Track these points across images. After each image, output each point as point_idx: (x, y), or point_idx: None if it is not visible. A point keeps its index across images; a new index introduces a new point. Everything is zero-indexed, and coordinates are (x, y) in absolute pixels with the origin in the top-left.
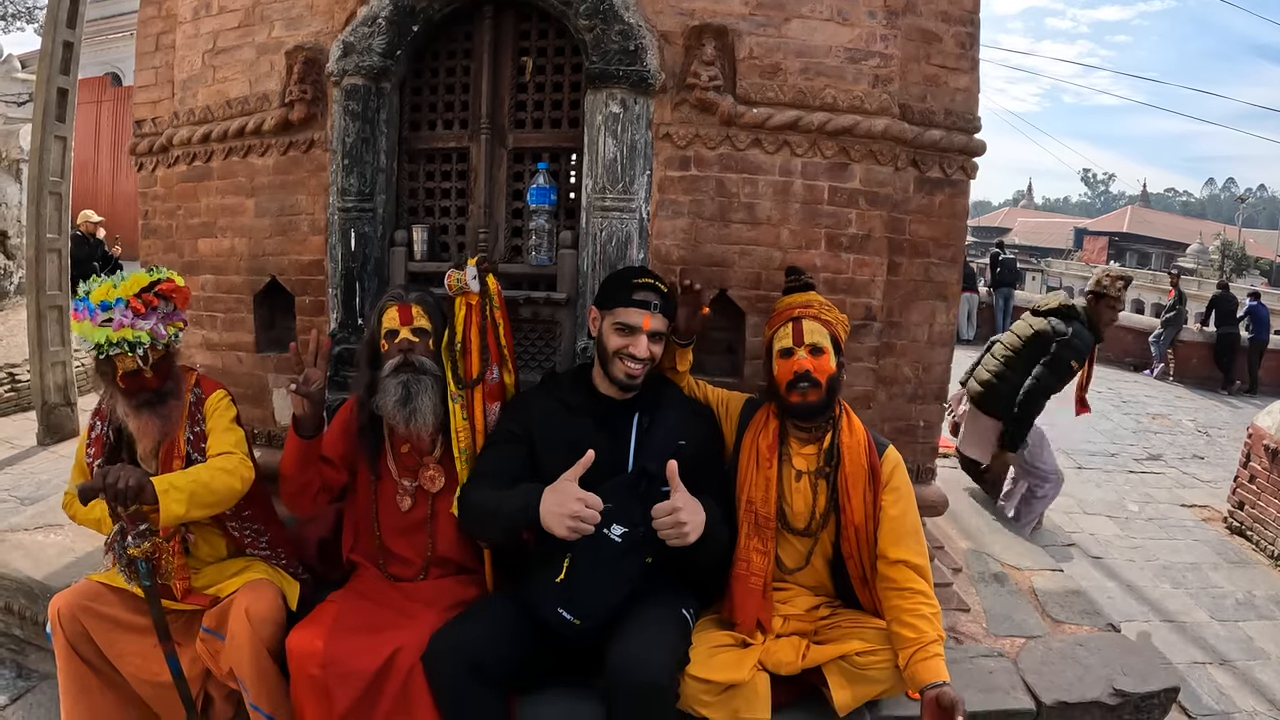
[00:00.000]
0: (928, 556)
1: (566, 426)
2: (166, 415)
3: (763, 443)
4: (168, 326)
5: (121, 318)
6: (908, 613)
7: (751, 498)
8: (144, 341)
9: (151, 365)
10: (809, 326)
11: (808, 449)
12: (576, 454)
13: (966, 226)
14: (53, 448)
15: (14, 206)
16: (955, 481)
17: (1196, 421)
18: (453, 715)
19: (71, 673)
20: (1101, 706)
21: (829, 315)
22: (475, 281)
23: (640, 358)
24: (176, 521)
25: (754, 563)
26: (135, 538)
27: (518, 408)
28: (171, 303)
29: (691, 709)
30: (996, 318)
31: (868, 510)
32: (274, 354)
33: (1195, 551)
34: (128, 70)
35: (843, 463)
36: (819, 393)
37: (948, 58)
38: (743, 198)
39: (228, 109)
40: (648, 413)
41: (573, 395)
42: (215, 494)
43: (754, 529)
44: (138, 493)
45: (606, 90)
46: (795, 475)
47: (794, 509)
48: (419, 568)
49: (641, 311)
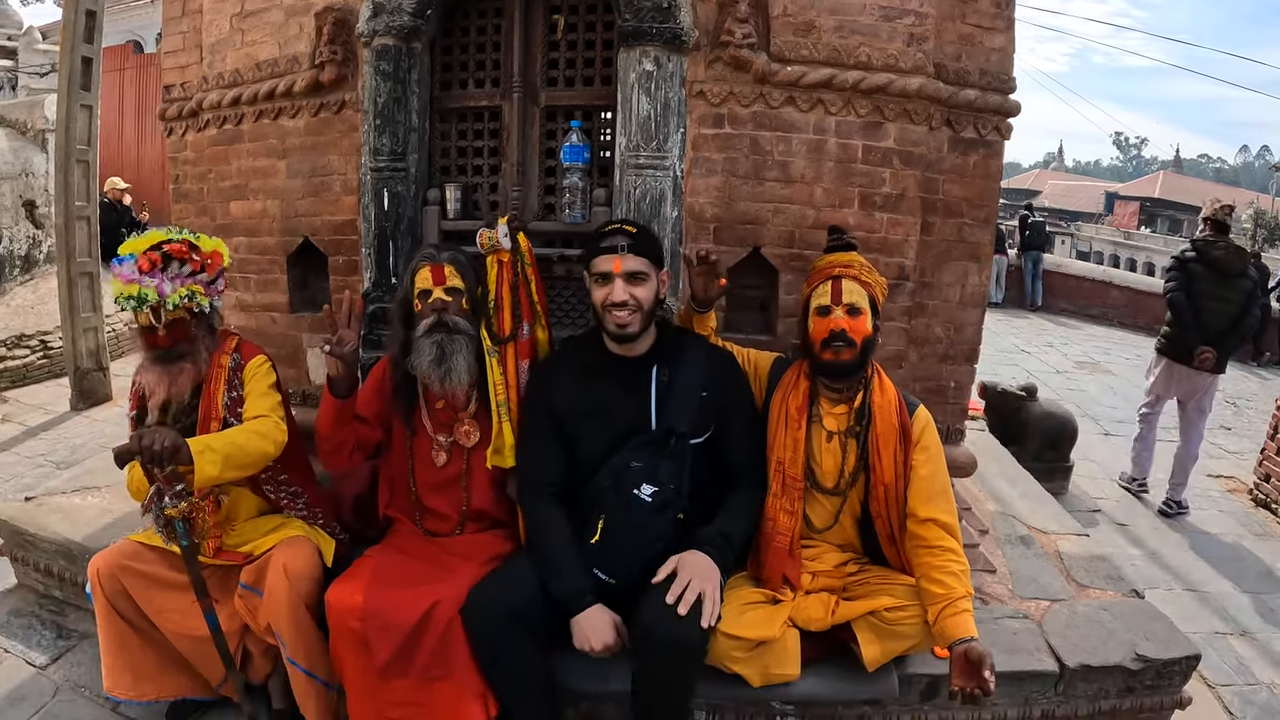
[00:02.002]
0: (957, 515)
1: (586, 391)
2: (174, 376)
3: (792, 403)
4: (179, 287)
5: (130, 273)
6: (937, 569)
7: (780, 458)
8: (148, 298)
9: (166, 325)
10: (848, 286)
11: (838, 409)
12: (600, 419)
13: (1000, 188)
14: (86, 412)
15: (41, 176)
16: (984, 444)
17: (1225, 392)
18: (491, 666)
19: (111, 631)
20: (1123, 671)
21: (869, 277)
22: (506, 239)
23: (619, 301)
24: (211, 482)
25: (780, 522)
26: (172, 498)
27: (537, 380)
28: (185, 264)
29: (723, 664)
30: (1025, 281)
31: (898, 470)
32: (308, 314)
33: (1220, 522)
34: (149, 37)
35: (874, 422)
36: (853, 352)
37: (983, 16)
38: (776, 156)
39: (257, 72)
40: (666, 365)
41: (588, 358)
42: (249, 456)
43: (782, 489)
44: (173, 453)
45: (639, 48)
46: (826, 436)
47: (823, 468)
48: (455, 522)
49: (610, 256)
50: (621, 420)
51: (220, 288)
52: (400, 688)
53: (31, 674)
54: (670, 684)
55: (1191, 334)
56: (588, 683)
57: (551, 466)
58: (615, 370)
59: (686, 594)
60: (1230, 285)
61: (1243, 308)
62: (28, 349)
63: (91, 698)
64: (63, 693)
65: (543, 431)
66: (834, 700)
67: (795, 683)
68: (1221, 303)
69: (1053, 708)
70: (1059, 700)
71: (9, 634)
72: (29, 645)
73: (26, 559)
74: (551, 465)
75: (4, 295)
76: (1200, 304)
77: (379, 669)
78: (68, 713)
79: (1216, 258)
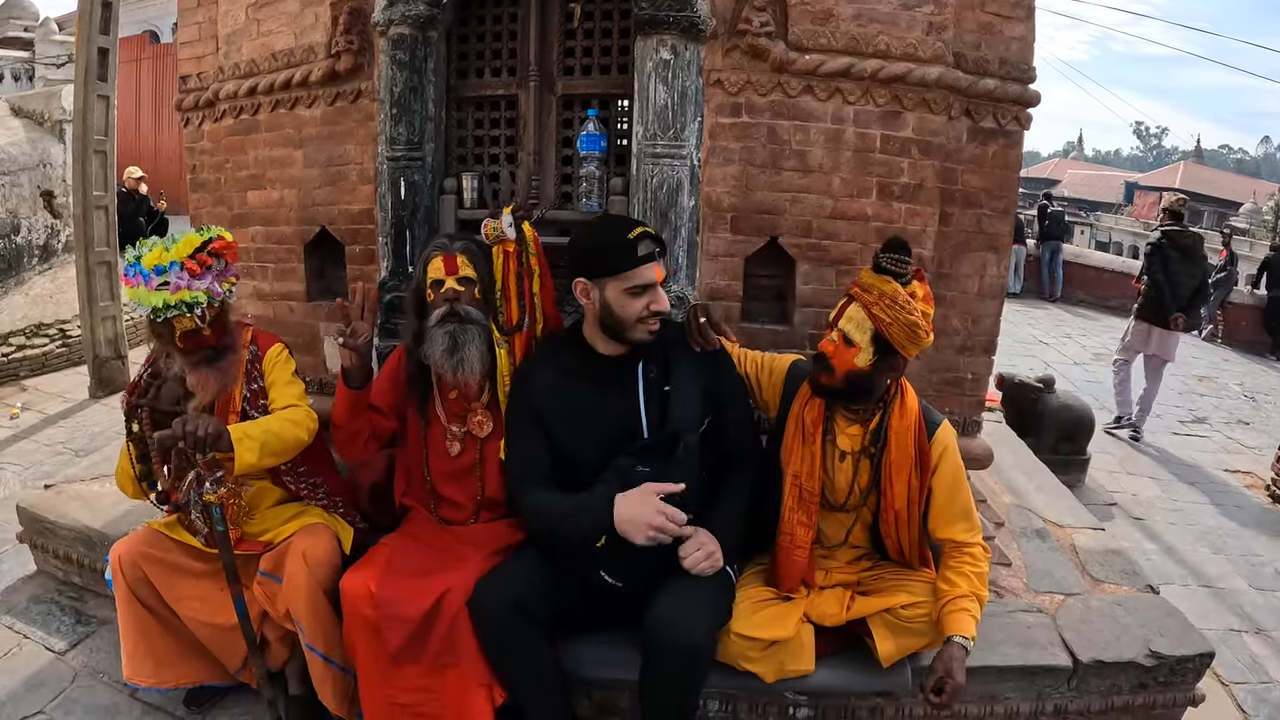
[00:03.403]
0: (979, 529)
1: (569, 394)
2: (224, 369)
3: (808, 416)
4: (222, 283)
5: (178, 280)
6: (950, 569)
7: (797, 471)
8: (201, 301)
9: (209, 323)
10: (851, 313)
11: (852, 429)
12: (585, 422)
13: (1019, 178)
14: (104, 400)
15: (58, 166)
16: (1000, 435)
17: (1243, 386)
18: (498, 658)
19: (132, 617)
20: (1137, 667)
21: (886, 312)
22: (511, 229)
23: (666, 311)
24: (249, 469)
25: (798, 535)
26: (212, 484)
27: (519, 383)
28: (224, 260)
29: (736, 663)
30: (1043, 271)
31: (910, 496)
32: (325, 303)
33: (1236, 518)
34: (165, 28)
35: (889, 446)
36: (832, 379)
37: (1003, 5)
38: (794, 145)
39: (273, 62)
40: (653, 361)
41: (568, 360)
42: (285, 443)
43: (798, 502)
44: (215, 440)
45: (656, 36)
46: (839, 455)
47: (835, 485)
48: (470, 511)
49: (651, 265)
50: (607, 425)
51: (235, 276)
52: (411, 674)
53: (50, 659)
54: (675, 687)
55: (1168, 304)
56: (600, 671)
57: (539, 464)
58: (599, 372)
59: (701, 552)
60: (1194, 264)
61: (1202, 281)
62: (46, 338)
63: (110, 683)
64: (81, 678)
65: (528, 432)
66: (847, 691)
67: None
68: (1189, 278)
69: (1065, 702)
70: (1072, 695)
71: (29, 620)
72: (48, 631)
73: (46, 546)
74: (538, 463)
75: (23, 285)
76: (1174, 280)
77: (390, 655)
78: (86, 698)
79: (1185, 244)
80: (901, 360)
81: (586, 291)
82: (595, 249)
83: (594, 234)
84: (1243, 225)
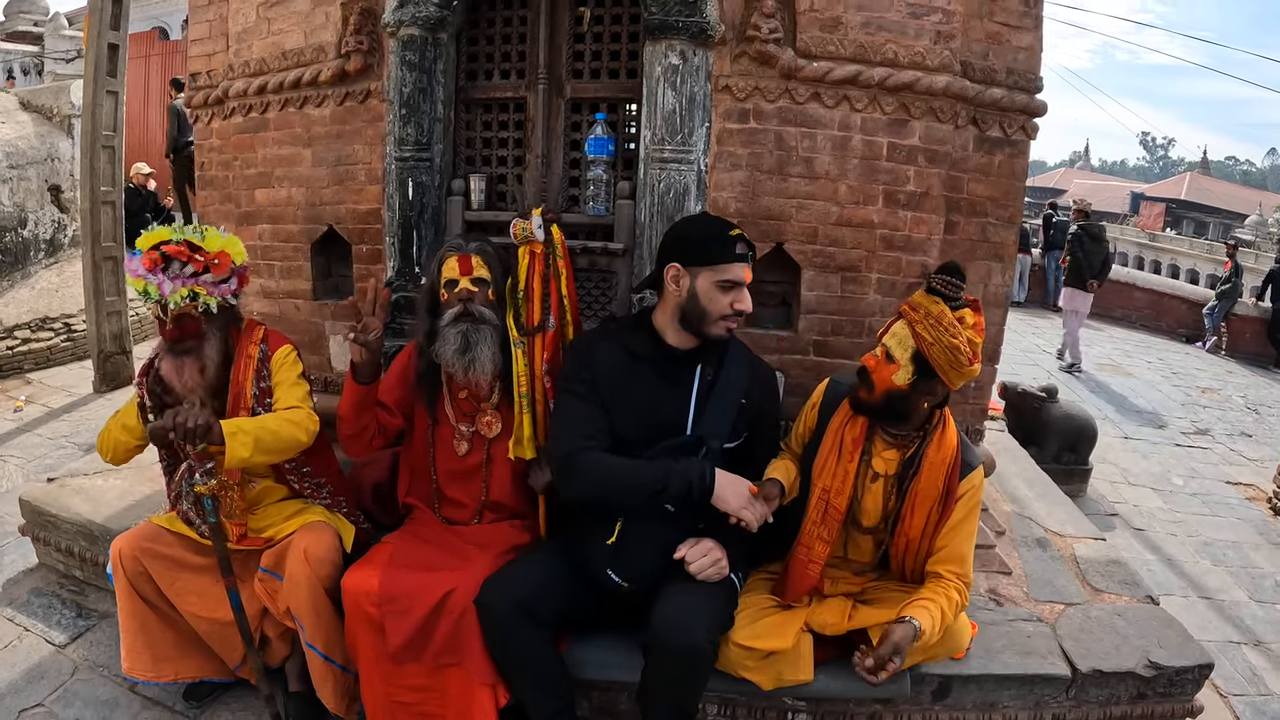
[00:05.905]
0: (970, 577)
1: (630, 377)
2: (179, 368)
3: (848, 434)
4: (179, 287)
5: (138, 268)
6: (926, 587)
7: (827, 486)
8: (151, 294)
9: (172, 320)
10: (895, 329)
11: (889, 453)
12: (638, 406)
13: (1025, 187)
14: (109, 395)
15: (66, 161)
16: (1003, 444)
17: (1247, 398)
18: (503, 658)
19: (132, 611)
20: (1136, 678)
21: (927, 331)
22: (540, 231)
23: (748, 311)
24: (241, 464)
25: (815, 550)
26: (202, 475)
27: (583, 352)
28: (187, 265)
29: (734, 672)
30: (1048, 281)
31: (927, 529)
32: (331, 301)
33: (1237, 530)
34: (175, 24)
35: (920, 475)
36: (871, 396)
37: (1010, 15)
38: (801, 151)
39: (283, 61)
40: (711, 365)
41: (636, 343)
42: (281, 441)
43: (822, 518)
44: (205, 432)
45: (665, 41)
46: (871, 476)
47: (864, 507)
48: (473, 511)
49: (743, 264)
50: (659, 413)
51: (233, 286)
52: (413, 672)
53: (51, 652)
54: (676, 688)
55: (1086, 274)
56: (599, 673)
57: (602, 429)
58: (662, 361)
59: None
60: (1100, 246)
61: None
62: (51, 331)
63: (109, 677)
64: (81, 671)
65: (590, 399)
66: (846, 698)
67: None
68: (1097, 256)
69: (1064, 712)
70: (1070, 704)
71: (30, 613)
72: (49, 624)
73: (48, 539)
74: (602, 429)
75: (29, 278)
76: (1089, 257)
77: (393, 653)
78: (86, 691)
79: (1094, 232)
80: (941, 386)
81: (678, 278)
82: (697, 238)
83: (696, 225)
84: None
